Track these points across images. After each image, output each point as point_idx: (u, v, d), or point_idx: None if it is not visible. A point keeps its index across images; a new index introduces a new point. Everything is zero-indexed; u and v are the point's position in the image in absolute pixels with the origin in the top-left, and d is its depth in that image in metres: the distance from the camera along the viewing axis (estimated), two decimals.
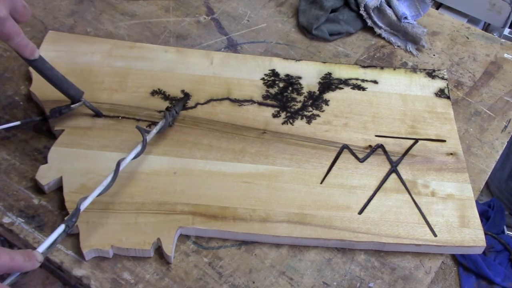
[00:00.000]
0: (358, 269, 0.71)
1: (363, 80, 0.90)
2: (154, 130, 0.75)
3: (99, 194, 0.65)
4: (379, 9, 1.01)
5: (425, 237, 0.72)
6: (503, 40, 1.05)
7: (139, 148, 0.71)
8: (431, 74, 0.93)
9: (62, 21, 0.96)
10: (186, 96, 0.83)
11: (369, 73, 0.92)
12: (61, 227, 0.61)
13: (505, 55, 1.01)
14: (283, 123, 0.83)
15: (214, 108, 0.84)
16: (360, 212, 0.73)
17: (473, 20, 1.38)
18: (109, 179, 0.66)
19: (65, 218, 0.63)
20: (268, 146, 0.79)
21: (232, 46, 0.97)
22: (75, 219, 0.62)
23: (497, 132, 0.89)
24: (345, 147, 0.81)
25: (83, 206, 0.64)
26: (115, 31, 0.96)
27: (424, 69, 0.94)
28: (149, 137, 0.73)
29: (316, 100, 0.87)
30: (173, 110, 0.79)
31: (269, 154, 0.78)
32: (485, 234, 0.74)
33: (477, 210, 0.75)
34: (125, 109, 0.81)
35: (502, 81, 0.97)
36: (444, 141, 0.83)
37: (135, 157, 0.71)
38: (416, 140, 0.83)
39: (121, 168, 0.68)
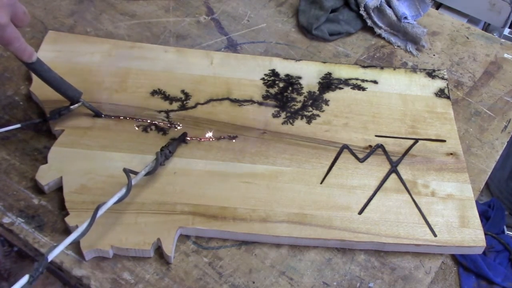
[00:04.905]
0: (358, 269, 0.71)
1: (363, 80, 0.90)
2: (143, 172, 0.70)
3: (72, 242, 0.61)
4: (379, 9, 1.01)
5: (425, 237, 0.72)
6: (503, 40, 1.05)
7: (123, 191, 0.66)
8: (431, 74, 0.93)
9: (62, 21, 0.96)
10: (183, 135, 0.78)
11: (369, 73, 0.92)
12: (25, 278, 0.56)
13: (505, 55, 1.01)
14: (283, 123, 0.83)
15: (214, 108, 0.84)
16: (360, 212, 0.73)
17: (473, 20, 1.38)
18: (85, 225, 0.62)
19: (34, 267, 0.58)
20: (268, 146, 0.79)
21: (232, 46, 0.97)
22: (41, 270, 0.57)
23: (497, 132, 0.89)
24: (345, 147, 0.81)
25: (51, 256, 0.59)
26: (115, 31, 0.96)
27: (424, 69, 0.94)
28: (135, 179, 0.69)
29: (316, 100, 0.87)
30: (166, 150, 0.74)
31: (269, 154, 0.78)
32: (485, 234, 0.74)
33: (477, 210, 0.75)
34: (125, 109, 0.81)
35: (502, 81, 0.97)
36: (444, 141, 0.83)
37: (117, 201, 0.66)
38: (416, 140, 0.83)
39: (100, 213, 0.63)
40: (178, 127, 0.80)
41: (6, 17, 0.63)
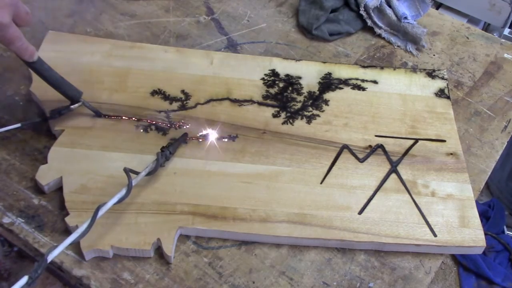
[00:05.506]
0: (358, 269, 0.71)
1: (363, 80, 0.90)
2: (143, 173, 0.70)
3: (72, 242, 0.61)
4: (379, 9, 1.01)
5: (425, 237, 0.72)
6: (503, 40, 1.05)
7: (123, 192, 0.66)
8: (431, 74, 0.93)
9: (62, 21, 0.96)
10: (184, 135, 0.78)
11: (369, 73, 0.92)
12: (24, 279, 0.55)
13: (505, 55, 1.01)
14: (283, 123, 0.83)
15: (214, 108, 0.84)
16: (360, 212, 0.73)
17: (473, 20, 1.38)
18: (85, 225, 0.62)
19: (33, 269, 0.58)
20: (268, 146, 0.79)
21: (232, 46, 0.97)
22: (40, 271, 0.57)
23: (497, 132, 0.89)
24: (345, 147, 0.81)
25: (50, 257, 0.58)
26: (115, 31, 0.96)
27: (424, 69, 0.94)
28: (136, 180, 0.69)
29: (316, 100, 0.87)
30: (167, 151, 0.74)
31: (269, 154, 0.78)
32: (485, 234, 0.74)
33: (477, 210, 0.75)
34: (125, 109, 0.81)
35: (502, 81, 0.97)
36: (444, 141, 0.83)
37: (118, 202, 0.66)
38: (416, 140, 0.83)
39: (100, 214, 0.63)
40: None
41: (8, 17, 0.64)
